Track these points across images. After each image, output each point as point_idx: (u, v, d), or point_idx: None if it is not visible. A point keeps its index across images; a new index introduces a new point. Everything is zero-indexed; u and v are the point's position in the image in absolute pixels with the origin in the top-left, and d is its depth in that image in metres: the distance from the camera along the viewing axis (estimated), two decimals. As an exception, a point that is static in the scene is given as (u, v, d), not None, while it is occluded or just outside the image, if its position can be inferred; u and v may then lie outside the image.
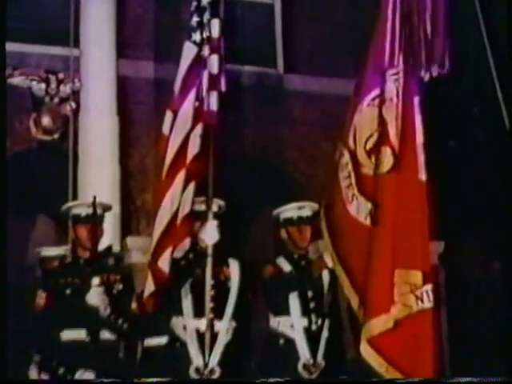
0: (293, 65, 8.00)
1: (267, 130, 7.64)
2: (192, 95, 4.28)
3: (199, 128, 4.25)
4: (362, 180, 4.39)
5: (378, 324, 4.10)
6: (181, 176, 4.19)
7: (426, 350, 4.10)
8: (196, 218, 4.32)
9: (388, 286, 4.12)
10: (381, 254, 4.19)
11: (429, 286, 4.13)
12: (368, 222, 4.27)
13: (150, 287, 4.19)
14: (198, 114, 4.27)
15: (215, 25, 4.36)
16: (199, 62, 4.33)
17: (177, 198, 4.18)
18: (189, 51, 4.36)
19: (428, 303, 4.12)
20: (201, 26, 4.35)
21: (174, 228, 4.19)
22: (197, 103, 4.29)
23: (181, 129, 4.26)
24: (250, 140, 7.54)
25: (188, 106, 4.27)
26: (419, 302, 4.12)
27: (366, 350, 4.12)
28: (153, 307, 4.25)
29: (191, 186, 4.22)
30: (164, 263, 4.15)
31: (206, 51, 4.33)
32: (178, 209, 4.18)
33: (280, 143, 7.74)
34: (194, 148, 4.22)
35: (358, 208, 4.33)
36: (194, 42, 4.36)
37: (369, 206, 4.28)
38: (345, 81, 7.30)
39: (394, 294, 4.11)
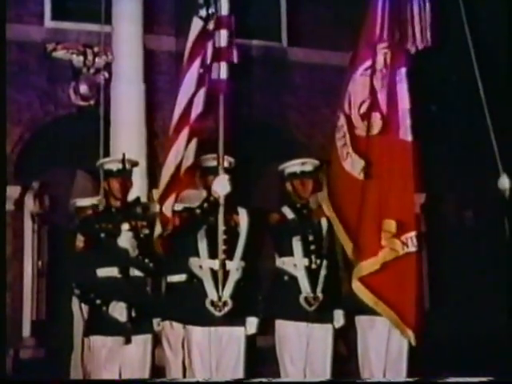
0: (296, 39, 7.87)
1: (273, 96, 7.55)
2: (197, 63, 4.14)
3: (202, 92, 4.12)
4: (356, 140, 4.30)
5: (367, 266, 4.07)
6: (185, 133, 4.09)
7: (411, 287, 4.07)
8: (209, 172, 4.23)
9: (376, 233, 4.07)
10: (370, 205, 4.13)
11: (413, 233, 4.09)
12: (361, 176, 4.20)
13: (158, 229, 4.13)
14: (202, 80, 4.14)
15: (225, 3, 4.19)
16: (205, 35, 4.18)
17: (180, 152, 4.08)
18: (196, 25, 4.22)
19: (412, 247, 4.08)
20: (207, 2, 4.21)
21: (178, 178, 4.10)
22: (201, 70, 4.15)
23: (186, 92, 4.14)
24: (258, 105, 7.45)
25: (193, 72, 4.14)
26: (405, 247, 4.08)
27: (357, 287, 4.10)
28: (163, 248, 4.17)
29: (193, 142, 4.11)
30: (167, 209, 4.05)
31: (210, 25, 4.18)
32: (181, 162, 4.09)
33: (284, 108, 7.66)
34: (197, 108, 4.11)
35: (352, 164, 4.26)
36: (201, 18, 4.21)
37: (362, 162, 4.20)
38: (342, 53, 7.17)
39: (381, 240, 4.07)
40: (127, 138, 6.05)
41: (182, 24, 6.96)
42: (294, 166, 4.60)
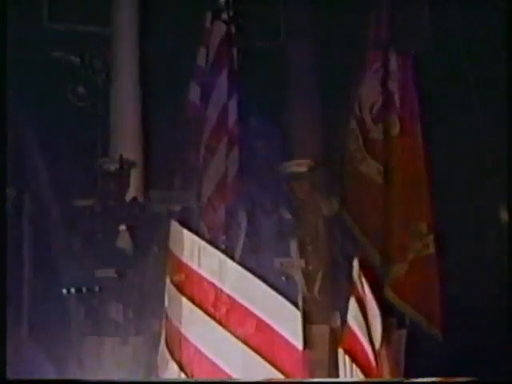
0: (295, 39, 7.87)
1: (272, 96, 7.53)
2: (225, 71, 4.19)
3: (235, 98, 4.15)
4: (370, 143, 4.33)
5: (398, 269, 4.10)
6: (224, 142, 4.10)
7: (433, 288, 4.10)
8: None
9: (402, 237, 4.10)
10: (393, 210, 4.15)
11: (431, 236, 4.12)
12: (379, 179, 4.21)
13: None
14: (233, 87, 4.20)
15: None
16: (229, 39, 4.24)
17: (223, 161, 4.11)
18: (220, 29, 4.25)
19: (432, 249, 4.12)
20: (228, 6, 4.23)
21: (225, 186, 4.11)
22: (231, 78, 4.22)
23: (217, 99, 4.17)
24: (258, 105, 7.43)
25: (223, 80, 4.17)
26: (425, 249, 4.10)
27: (389, 294, 4.12)
28: None
29: (235, 149, 4.13)
30: (220, 216, 4.09)
31: (233, 29, 4.25)
32: (226, 170, 4.10)
33: (284, 108, 7.65)
34: (233, 115, 4.13)
35: (368, 167, 4.27)
36: (224, 21, 4.25)
37: (379, 166, 4.22)
38: (340, 52, 7.18)
39: (407, 243, 4.09)
40: (125, 138, 6.07)
41: (179, 27, 6.99)
42: (291, 166, 4.61)
